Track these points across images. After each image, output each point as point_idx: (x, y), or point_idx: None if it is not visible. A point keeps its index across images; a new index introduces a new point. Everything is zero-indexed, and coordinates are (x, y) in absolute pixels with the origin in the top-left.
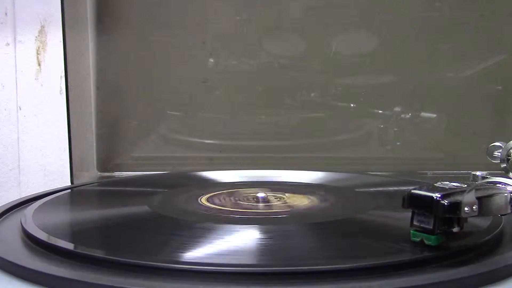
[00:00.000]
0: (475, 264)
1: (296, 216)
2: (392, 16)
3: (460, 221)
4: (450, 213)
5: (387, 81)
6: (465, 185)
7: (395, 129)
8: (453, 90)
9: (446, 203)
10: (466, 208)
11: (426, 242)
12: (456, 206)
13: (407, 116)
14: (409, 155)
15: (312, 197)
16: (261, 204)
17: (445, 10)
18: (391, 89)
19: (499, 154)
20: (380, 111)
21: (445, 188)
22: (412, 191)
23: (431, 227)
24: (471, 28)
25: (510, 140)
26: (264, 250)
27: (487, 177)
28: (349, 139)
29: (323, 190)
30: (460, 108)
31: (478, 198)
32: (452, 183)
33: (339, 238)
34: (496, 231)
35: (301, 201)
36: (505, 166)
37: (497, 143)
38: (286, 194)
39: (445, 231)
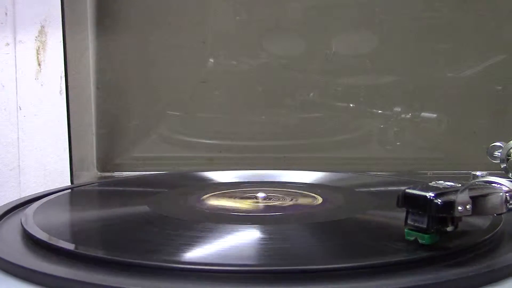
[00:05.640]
0: (475, 264)
1: (296, 216)
2: (392, 16)
3: (454, 220)
4: (444, 212)
5: (387, 81)
6: (459, 185)
7: (395, 129)
8: (453, 90)
9: (439, 202)
10: (459, 207)
11: (420, 241)
12: (449, 205)
13: (407, 116)
14: (409, 155)
15: (312, 197)
16: (261, 204)
17: (445, 10)
18: (391, 89)
19: (499, 154)
20: (380, 111)
21: (439, 187)
22: (406, 190)
23: (425, 226)
24: (471, 28)
25: (510, 140)
26: (264, 250)
27: (482, 177)
28: (349, 139)
29: (323, 190)
30: (460, 108)
31: (472, 198)
32: (446, 183)
33: (339, 238)
34: (495, 231)
35: (301, 201)
36: (505, 166)
37: (497, 143)
38: (286, 194)
39: (439, 230)
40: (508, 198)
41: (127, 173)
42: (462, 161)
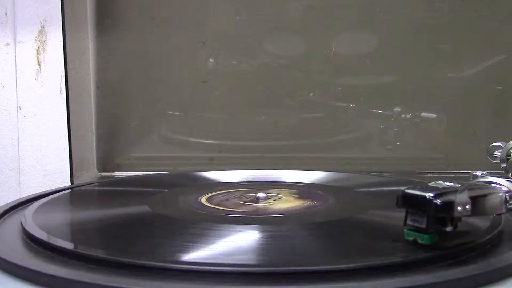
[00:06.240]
0: (475, 264)
1: (296, 216)
2: (392, 16)
3: (454, 220)
4: (443, 212)
5: (387, 81)
6: (459, 185)
7: (395, 129)
8: (453, 90)
9: (438, 203)
10: (459, 208)
11: (420, 241)
12: (449, 206)
13: (407, 116)
14: (409, 155)
15: (312, 197)
16: (261, 204)
17: (445, 10)
18: (391, 89)
19: (499, 154)
20: (380, 111)
21: (438, 187)
22: (406, 190)
23: (424, 226)
24: (471, 28)
25: (510, 140)
26: (264, 250)
27: (482, 177)
28: (349, 139)
29: (323, 190)
30: (460, 108)
31: (472, 198)
32: (446, 183)
33: (339, 238)
34: (495, 231)
35: (301, 201)
36: (505, 166)
37: (497, 143)
38: (286, 194)
39: (438, 230)
40: (507, 198)
41: (127, 173)
42: (462, 161)
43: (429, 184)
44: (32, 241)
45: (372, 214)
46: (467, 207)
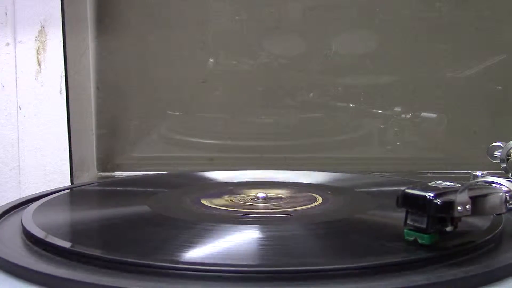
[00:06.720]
0: (475, 264)
1: (296, 216)
2: (392, 16)
3: (454, 220)
4: (443, 212)
5: (387, 81)
6: (459, 185)
7: (395, 129)
8: (453, 90)
9: (439, 202)
10: (459, 208)
11: (420, 241)
12: (449, 205)
13: (407, 116)
14: (409, 155)
15: (312, 197)
16: (261, 204)
17: (445, 10)
18: (391, 89)
19: (499, 154)
20: (380, 111)
21: (438, 187)
22: (406, 190)
23: (424, 226)
24: (471, 28)
25: (510, 140)
26: (264, 250)
27: (482, 177)
28: (349, 139)
29: (323, 190)
30: (460, 108)
31: (472, 198)
32: (446, 183)
33: (339, 238)
34: (496, 231)
35: (301, 201)
36: (505, 166)
37: (497, 143)
38: (286, 194)
39: (438, 230)
40: (507, 198)
41: (127, 173)
42: (462, 161)
43: (429, 184)
44: (32, 241)
45: (372, 214)
46: (467, 207)
